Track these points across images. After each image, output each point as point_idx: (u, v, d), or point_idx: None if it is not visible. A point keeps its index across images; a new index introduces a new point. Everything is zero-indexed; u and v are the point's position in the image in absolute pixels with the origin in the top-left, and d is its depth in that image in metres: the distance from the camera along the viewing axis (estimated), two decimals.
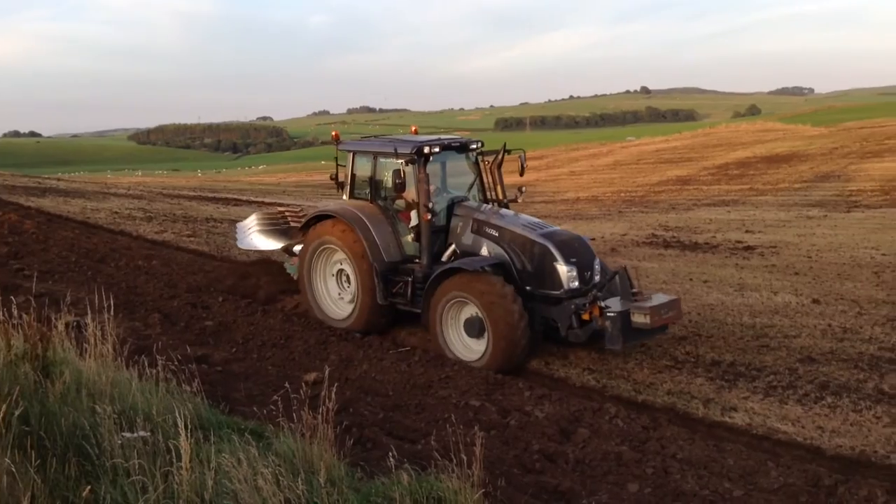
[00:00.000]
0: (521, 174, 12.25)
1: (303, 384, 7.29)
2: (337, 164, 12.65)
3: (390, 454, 5.82)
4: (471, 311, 10.36)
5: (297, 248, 13.12)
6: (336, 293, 12.35)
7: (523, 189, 12.46)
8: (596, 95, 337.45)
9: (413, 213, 11.42)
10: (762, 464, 7.27)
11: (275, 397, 6.98)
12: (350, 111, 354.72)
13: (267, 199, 35.11)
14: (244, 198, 35.52)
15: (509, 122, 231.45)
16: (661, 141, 59.53)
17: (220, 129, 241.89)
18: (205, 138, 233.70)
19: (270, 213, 15.40)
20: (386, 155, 11.71)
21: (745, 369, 10.23)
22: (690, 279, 16.11)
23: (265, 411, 7.04)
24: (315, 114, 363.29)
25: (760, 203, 27.97)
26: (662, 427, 8.22)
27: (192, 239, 20.74)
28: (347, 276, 12.07)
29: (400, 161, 11.24)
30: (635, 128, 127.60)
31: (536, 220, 11.43)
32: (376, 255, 11.36)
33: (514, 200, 12.21)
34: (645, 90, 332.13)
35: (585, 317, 10.06)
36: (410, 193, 11.46)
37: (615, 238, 22.32)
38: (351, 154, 12.36)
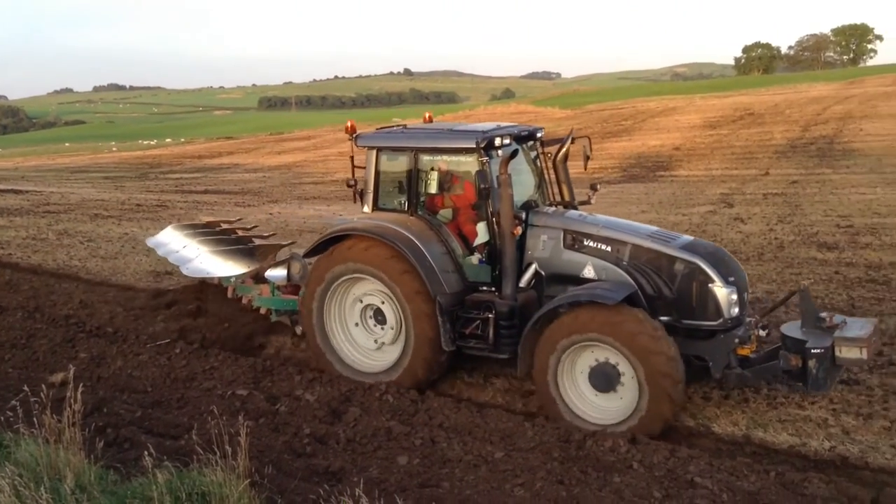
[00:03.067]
0: (586, 167, 9.54)
1: (45, 386, 6.65)
2: (353, 166, 9.66)
3: (146, 453, 5.50)
4: (597, 356, 7.82)
5: (273, 272, 10.44)
6: (362, 337, 9.31)
7: (597, 187, 9.87)
8: (361, 76, 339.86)
9: (481, 227, 8.84)
10: (520, 425, 7.71)
11: (13, 402, 6.37)
12: (97, 89, 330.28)
13: (2, 186, 31.73)
14: None
15: (273, 101, 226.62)
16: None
17: None
18: None
19: (202, 228, 12.50)
20: (435, 151, 8.99)
21: None
22: None
23: (3, 418, 6.38)
24: (57, 91, 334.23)
25: None
26: (430, 399, 8.46)
27: None
28: (378, 314, 9.18)
29: (471, 158, 8.63)
30: (400, 109, 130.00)
31: (652, 227, 9.07)
32: (438, 288, 8.56)
33: (587, 202, 9.72)
34: (408, 72, 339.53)
35: (743, 352, 7.93)
36: (463, 199, 9.11)
37: None
38: (374, 151, 9.31)
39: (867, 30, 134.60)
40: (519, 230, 8.46)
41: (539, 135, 9.55)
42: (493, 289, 8.70)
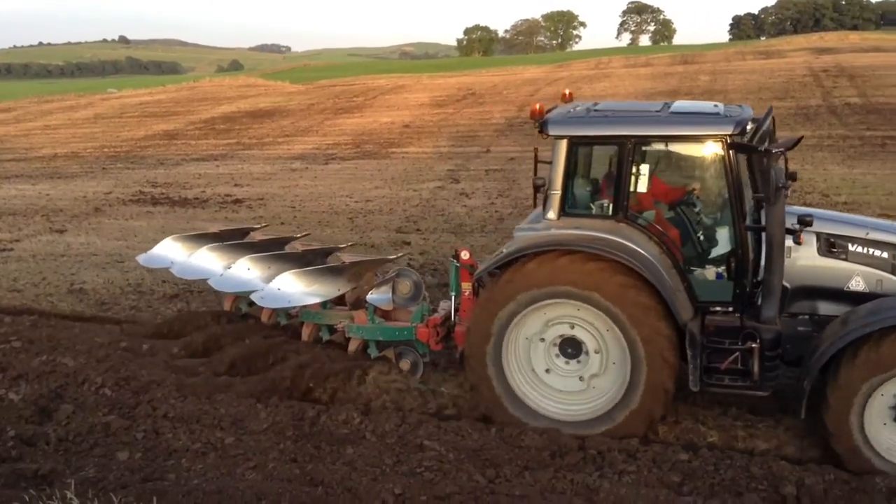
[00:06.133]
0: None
1: None
2: (536, 160, 8.08)
3: None
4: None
5: (377, 295, 8.61)
6: (552, 377, 7.45)
7: (795, 175, 7.87)
8: (69, 43, 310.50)
9: (722, 234, 7.37)
10: (251, 408, 7.55)
11: None
12: None
13: None
14: None
15: None
16: (145, 94, 57.14)
17: None
18: None
19: (232, 240, 10.05)
20: (667, 139, 7.38)
21: (236, 318, 10.56)
22: None
23: None
24: None
25: (247, 157, 28.83)
26: (153, 390, 7.98)
27: None
28: (565, 347, 7.40)
29: (712, 148, 7.07)
30: (116, 79, 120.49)
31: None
32: (686, 313, 7.05)
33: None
34: (124, 40, 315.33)
35: None
36: (675, 197, 7.74)
37: (99, 197, 21.11)
38: (564, 141, 7.32)
39: (573, 17, 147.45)
40: (804, 238, 6.95)
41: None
42: (731, 309, 7.20)
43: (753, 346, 6.86)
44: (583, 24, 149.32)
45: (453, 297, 8.41)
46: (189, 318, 10.20)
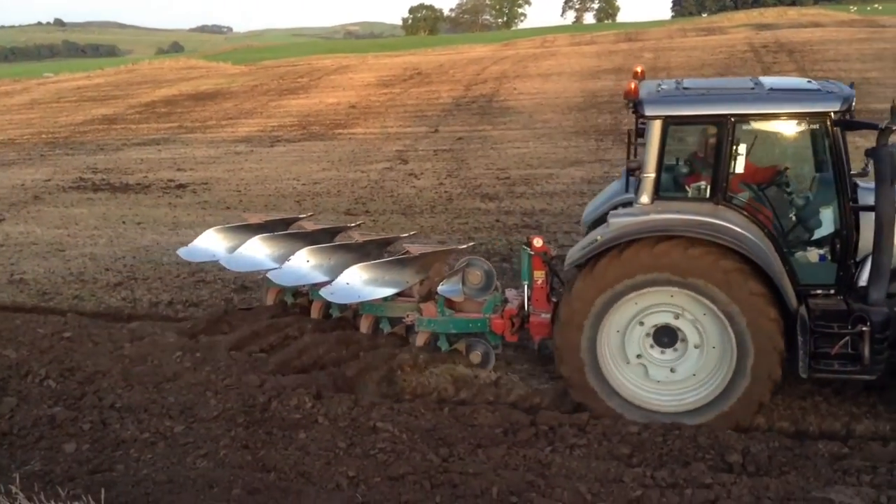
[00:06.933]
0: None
1: None
2: (629, 142, 7.91)
3: None
4: None
5: (448, 286, 8.27)
6: (641, 367, 7.21)
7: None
8: (3, 27, 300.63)
9: (826, 214, 7.09)
10: (201, 396, 7.46)
11: None
12: None
13: None
14: None
15: None
16: (83, 77, 55.55)
17: None
18: None
19: (278, 232, 9.53)
20: (769, 117, 7.06)
21: (182, 306, 10.44)
22: (123, 222, 15.82)
23: None
24: None
25: (190, 141, 28.28)
26: (99, 380, 7.85)
27: None
28: (658, 336, 7.16)
29: (810, 126, 6.89)
30: (52, 63, 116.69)
31: None
32: (793, 297, 6.82)
33: (863, 174, 7.47)
34: (59, 23, 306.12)
35: None
36: (766, 177, 7.45)
37: (38, 184, 20.56)
38: (659, 122, 6.97)
39: None
40: None
41: None
42: (833, 292, 7.01)
43: (864, 329, 6.57)
44: (528, 2, 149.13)
45: (526, 287, 8.11)
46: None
